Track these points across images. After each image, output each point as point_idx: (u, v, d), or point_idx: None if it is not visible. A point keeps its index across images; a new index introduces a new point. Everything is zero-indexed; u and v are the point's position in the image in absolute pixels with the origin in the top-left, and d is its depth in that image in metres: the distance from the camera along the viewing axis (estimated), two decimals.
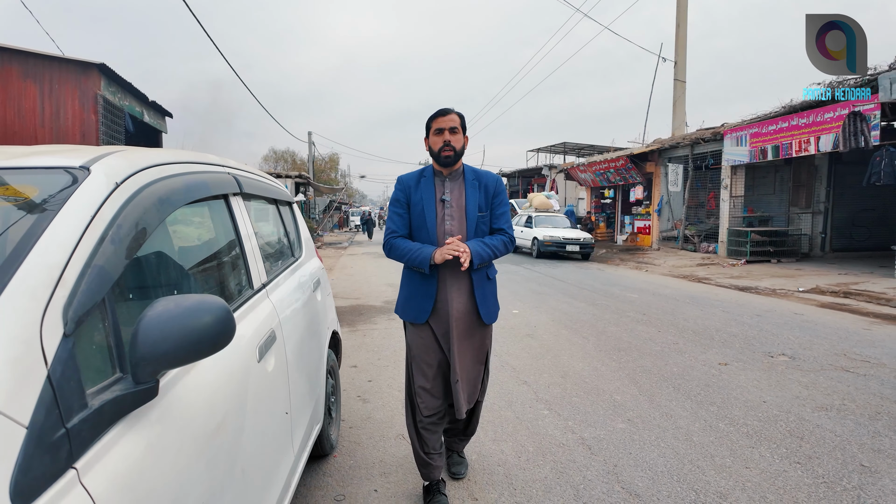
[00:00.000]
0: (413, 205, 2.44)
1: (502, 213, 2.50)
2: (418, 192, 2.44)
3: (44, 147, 1.49)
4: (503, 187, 2.53)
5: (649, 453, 2.94)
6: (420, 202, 2.41)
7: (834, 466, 2.78)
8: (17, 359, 0.81)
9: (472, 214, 2.43)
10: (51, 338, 0.88)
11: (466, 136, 2.47)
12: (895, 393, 3.89)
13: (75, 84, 5.22)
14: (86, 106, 5.17)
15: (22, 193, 1.15)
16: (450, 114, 2.40)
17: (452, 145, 2.37)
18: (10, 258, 0.94)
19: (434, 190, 2.43)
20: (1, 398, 0.77)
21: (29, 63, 5.14)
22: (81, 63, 5.21)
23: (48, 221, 1.03)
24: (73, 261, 0.99)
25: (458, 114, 2.43)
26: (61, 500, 0.81)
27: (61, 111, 5.14)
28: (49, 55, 5.16)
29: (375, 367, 4.63)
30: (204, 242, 1.87)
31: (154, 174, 1.38)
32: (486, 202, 2.47)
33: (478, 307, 2.42)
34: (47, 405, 0.83)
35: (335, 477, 2.72)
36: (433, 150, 2.42)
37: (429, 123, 2.44)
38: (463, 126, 2.43)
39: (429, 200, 2.41)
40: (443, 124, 2.38)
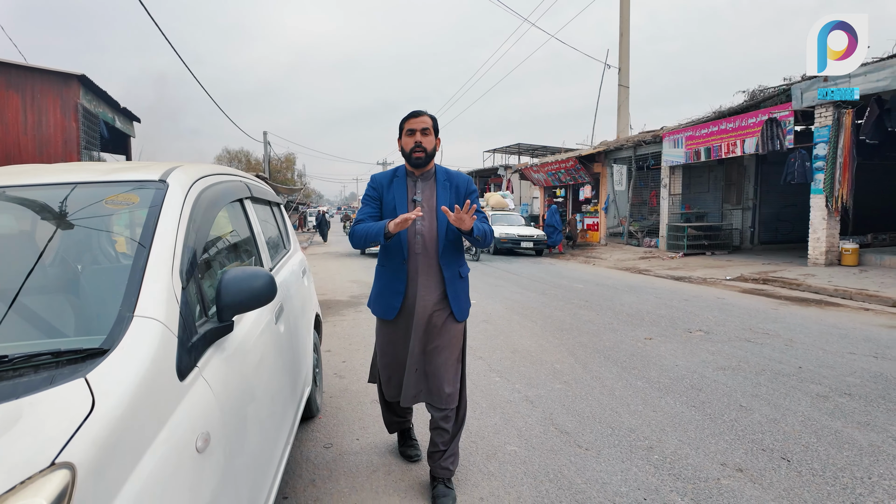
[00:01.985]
0: (385, 203, 2.50)
1: (477, 211, 2.50)
2: (391, 192, 2.50)
3: (120, 164, 2.00)
4: (475, 187, 2.59)
5: (579, 404, 3.62)
6: (392, 201, 2.48)
7: (720, 407, 3.53)
8: (167, 299, 1.36)
9: (443, 215, 2.42)
10: (177, 288, 1.42)
11: (439, 138, 2.52)
12: (781, 356, 4.74)
13: (57, 94, 5.50)
14: (67, 114, 5.46)
15: (130, 199, 1.67)
16: (422, 115, 2.45)
17: (424, 146, 2.42)
18: (142, 241, 1.48)
19: (406, 190, 2.49)
20: (164, 319, 1.31)
21: (11, 74, 5.39)
22: (63, 74, 5.48)
23: (157, 217, 1.56)
24: (177, 242, 1.53)
25: (430, 116, 2.48)
26: (195, 382, 1.36)
27: (43, 120, 5.41)
28: (31, 66, 5.40)
29: (347, 350, 5.16)
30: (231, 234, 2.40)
31: (204, 183, 1.92)
32: (458, 202, 2.48)
33: (450, 304, 2.47)
34: (183, 327, 1.38)
35: (322, 432, 3.27)
36: (405, 151, 2.47)
37: (401, 125, 2.49)
38: (435, 128, 2.49)
39: (401, 200, 2.47)
40: (415, 125, 2.43)
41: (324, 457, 2.93)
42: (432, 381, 2.46)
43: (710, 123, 13.81)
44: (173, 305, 1.36)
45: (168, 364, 1.26)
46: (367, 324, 6.30)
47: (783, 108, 11.65)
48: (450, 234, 2.48)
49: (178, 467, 1.15)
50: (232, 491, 1.40)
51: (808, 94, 10.88)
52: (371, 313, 2.64)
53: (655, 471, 2.71)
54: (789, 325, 6.09)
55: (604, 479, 2.63)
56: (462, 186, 2.55)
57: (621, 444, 3.01)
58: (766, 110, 12.06)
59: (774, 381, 4.05)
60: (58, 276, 1.53)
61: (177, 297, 1.40)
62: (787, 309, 7.15)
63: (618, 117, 19.63)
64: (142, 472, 1.04)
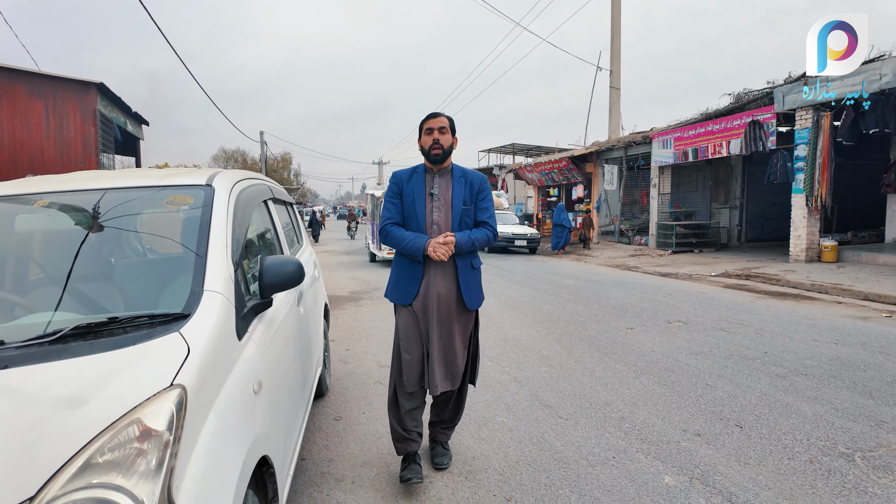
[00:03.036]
0: (405, 196, 2.68)
1: (486, 208, 2.72)
2: (410, 186, 2.68)
3: (170, 171, 2.38)
4: (488, 185, 2.76)
5: (562, 384, 4.02)
6: (411, 194, 2.66)
7: (687, 386, 3.94)
8: (226, 279, 1.74)
9: (458, 207, 2.65)
10: (230, 270, 1.81)
11: (455, 137, 2.71)
12: (750, 343, 5.15)
13: (77, 101, 5.84)
14: (87, 120, 5.81)
15: (186, 199, 2.05)
16: (439, 116, 2.65)
17: (441, 144, 2.61)
18: (201, 234, 1.86)
19: (424, 184, 2.68)
20: (224, 293, 1.69)
21: (34, 82, 5.73)
22: (82, 82, 5.83)
23: (210, 214, 1.94)
24: (227, 234, 1.92)
25: (447, 117, 2.68)
26: (247, 342, 1.74)
27: (65, 125, 5.76)
28: (52, 75, 5.75)
29: (350, 340, 5.55)
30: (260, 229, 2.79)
31: (241, 186, 2.31)
32: (470, 197, 2.69)
33: (461, 292, 2.63)
34: (237, 299, 1.76)
35: (332, 407, 3.65)
36: (424, 149, 2.66)
37: (421, 125, 2.68)
38: (452, 128, 2.68)
39: (419, 193, 2.66)
40: (433, 125, 2.63)
41: (335, 427, 3.32)
42: (445, 363, 2.65)
43: (697, 125, 14.25)
44: (229, 283, 1.75)
45: (230, 326, 1.64)
46: (368, 317, 6.68)
47: (766, 110, 12.09)
48: (462, 225, 2.66)
49: (242, 402, 1.54)
50: (272, 428, 1.78)
51: (789, 97, 11.32)
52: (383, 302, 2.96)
53: (625, 436, 3.12)
54: (763, 316, 6.51)
55: (580, 443, 3.03)
56: (476, 183, 2.72)
57: (597, 416, 3.42)
58: (750, 112, 12.51)
59: (740, 364, 4.46)
60: (137, 261, 1.92)
61: (231, 277, 1.78)
62: (763, 302, 7.57)
63: (609, 118, 20.07)
64: (222, 400, 1.42)
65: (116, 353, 1.34)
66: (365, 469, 2.79)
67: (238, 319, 1.71)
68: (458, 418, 2.91)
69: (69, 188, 2.07)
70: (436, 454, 2.82)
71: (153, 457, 1.11)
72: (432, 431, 2.89)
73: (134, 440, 1.11)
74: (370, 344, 5.34)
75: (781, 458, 2.81)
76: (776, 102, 11.60)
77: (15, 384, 1.23)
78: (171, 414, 1.18)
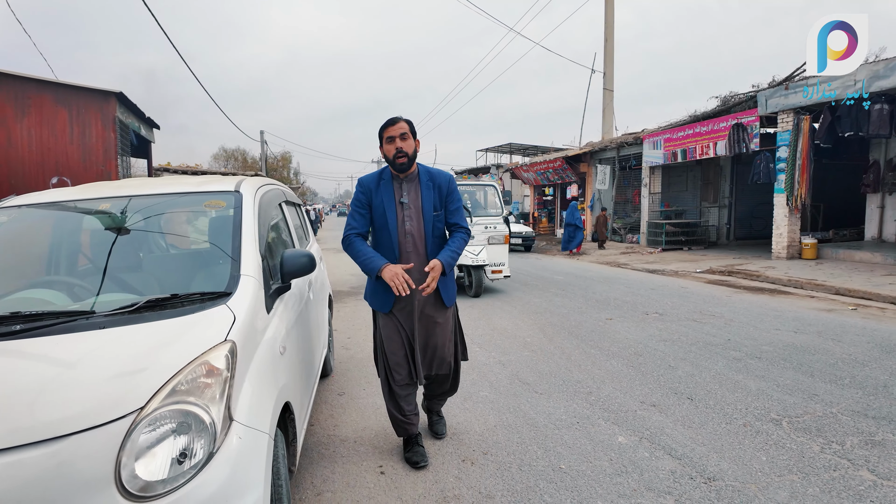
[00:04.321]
0: (375, 207, 2.69)
1: (456, 209, 2.76)
2: (379, 195, 2.68)
3: (203, 178, 2.85)
4: (455, 185, 2.77)
5: (541, 366, 4.50)
6: (381, 205, 2.66)
7: (651, 367, 4.42)
8: (256, 266, 2.21)
9: (429, 215, 2.68)
10: (259, 259, 2.28)
11: (417, 139, 2.69)
12: (717, 332, 5.64)
13: (98, 109, 6.29)
14: (107, 126, 6.25)
15: (220, 203, 2.52)
16: (398, 122, 2.63)
17: (405, 151, 2.60)
18: (235, 237, 2.32)
19: (393, 193, 2.68)
20: (256, 277, 2.16)
21: (59, 92, 6.17)
22: (104, 92, 6.27)
23: (240, 215, 2.41)
24: (255, 231, 2.39)
25: (406, 121, 2.65)
26: (273, 316, 2.22)
27: (87, 131, 6.21)
28: (76, 85, 6.19)
29: (351, 329, 6.03)
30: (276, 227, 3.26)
31: (262, 191, 2.78)
32: (440, 201, 2.71)
33: (440, 292, 2.73)
34: (264, 283, 2.23)
35: (336, 385, 4.13)
36: (388, 158, 2.65)
37: (380, 133, 2.66)
38: (412, 131, 2.66)
39: (389, 203, 2.66)
40: (393, 132, 2.61)
41: (338, 401, 3.80)
42: (434, 355, 2.83)
43: (685, 127, 14.73)
44: (259, 270, 2.22)
45: (261, 303, 2.11)
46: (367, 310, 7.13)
47: (750, 113, 12.57)
48: (436, 231, 2.72)
49: (272, 359, 2.02)
50: (293, 382, 2.26)
51: (772, 101, 11.79)
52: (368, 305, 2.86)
53: (590, 406, 3.60)
54: (735, 309, 6.99)
55: (550, 412, 3.52)
56: (444, 186, 2.74)
57: (568, 391, 3.90)
58: (736, 115, 12.99)
59: (703, 349, 4.95)
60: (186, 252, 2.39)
61: (259, 265, 2.25)
62: (739, 296, 8.05)
63: (602, 120, 20.54)
64: (258, 355, 1.90)
65: (182, 319, 1.81)
66: (366, 431, 3.27)
67: (266, 298, 2.18)
68: (452, 392, 3.08)
69: (124, 193, 2.54)
70: (433, 423, 3.17)
71: (217, 386, 1.59)
72: (428, 403, 3.15)
73: (203, 374, 1.59)
74: (369, 333, 5.79)
75: (720, 422, 3.30)
76: (759, 106, 12.08)
77: (114, 338, 1.70)
78: (228, 358, 1.66)
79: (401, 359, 2.75)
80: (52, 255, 2.50)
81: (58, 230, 2.57)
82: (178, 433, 1.48)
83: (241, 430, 1.58)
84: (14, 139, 5.99)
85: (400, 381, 2.77)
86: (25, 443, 1.33)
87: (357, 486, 2.66)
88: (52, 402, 1.43)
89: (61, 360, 1.62)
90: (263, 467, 1.62)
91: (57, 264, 2.48)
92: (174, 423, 1.48)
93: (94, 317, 1.84)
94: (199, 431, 1.49)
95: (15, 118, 5.95)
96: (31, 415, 1.39)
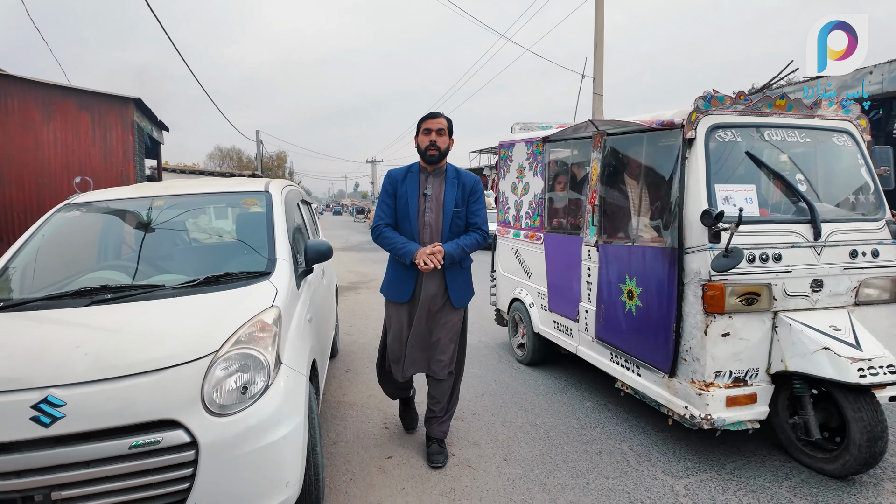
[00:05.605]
0: (398, 197, 2.75)
1: (477, 210, 2.78)
2: (404, 186, 2.74)
3: (237, 180, 3.36)
4: (481, 187, 2.78)
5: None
6: (405, 195, 2.73)
7: None
8: (288, 252, 2.72)
9: (449, 209, 2.71)
10: (289, 246, 2.80)
11: (452, 138, 2.75)
12: None
13: (118, 114, 6.76)
14: (126, 130, 6.73)
15: (254, 201, 3.03)
16: (439, 117, 2.68)
17: (438, 145, 2.66)
18: (269, 228, 2.83)
19: (418, 185, 2.74)
20: (288, 261, 2.68)
21: (83, 98, 6.63)
22: (123, 98, 6.75)
23: (272, 211, 2.93)
24: (284, 224, 2.90)
25: (446, 118, 2.70)
26: (301, 293, 2.73)
27: (108, 134, 6.68)
28: (98, 92, 6.66)
29: (352, 319, 6.55)
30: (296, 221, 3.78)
31: (286, 191, 3.30)
32: (462, 199, 2.74)
33: (448, 291, 2.77)
34: (294, 265, 2.75)
35: (342, 363, 4.65)
36: (420, 148, 2.71)
37: (419, 124, 2.72)
38: (450, 129, 2.71)
39: (412, 194, 2.72)
40: (431, 125, 2.67)
41: (346, 376, 4.33)
42: (430, 356, 2.82)
43: None
44: (290, 255, 2.74)
45: (293, 281, 2.63)
46: (366, 303, 7.68)
47: None
48: (453, 227, 2.74)
49: (304, 324, 2.54)
50: (318, 344, 2.78)
51: None
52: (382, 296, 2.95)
53: (565, 379, 4.14)
54: None
55: (531, 383, 4.06)
56: (469, 185, 2.77)
57: (548, 368, 4.43)
58: None
59: None
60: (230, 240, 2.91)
61: (290, 251, 2.77)
62: None
63: None
64: (294, 320, 2.42)
65: (236, 290, 2.33)
66: (370, 399, 3.80)
67: (296, 277, 2.70)
68: (451, 409, 2.99)
69: (174, 192, 3.06)
70: (432, 452, 2.86)
71: (269, 338, 2.10)
72: (428, 428, 2.95)
73: (259, 329, 2.10)
74: (369, 322, 6.34)
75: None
76: None
77: (187, 304, 2.21)
78: (276, 317, 2.18)
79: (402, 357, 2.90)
80: (115, 242, 3.01)
81: (118, 222, 3.07)
82: (242, 371, 1.99)
83: (287, 371, 2.11)
84: (41, 141, 6.47)
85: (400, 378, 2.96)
86: (139, 371, 1.85)
87: (364, 437, 3.18)
88: (153, 346, 1.95)
89: (151, 317, 2.13)
90: (303, 399, 2.15)
91: (118, 251, 2.99)
92: (240, 363, 1.99)
93: (164, 290, 2.36)
94: (257, 370, 2.01)
95: (42, 122, 6.42)
96: (141, 353, 1.91)
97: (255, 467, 1.91)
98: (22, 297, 2.37)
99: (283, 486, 1.97)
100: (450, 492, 2.58)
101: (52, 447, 1.74)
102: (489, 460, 2.89)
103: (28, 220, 6.62)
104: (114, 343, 1.96)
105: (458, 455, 2.95)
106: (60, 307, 2.25)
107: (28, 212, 6.59)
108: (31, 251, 2.71)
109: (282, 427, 1.98)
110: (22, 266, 2.63)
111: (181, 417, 1.84)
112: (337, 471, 2.80)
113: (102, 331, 2.05)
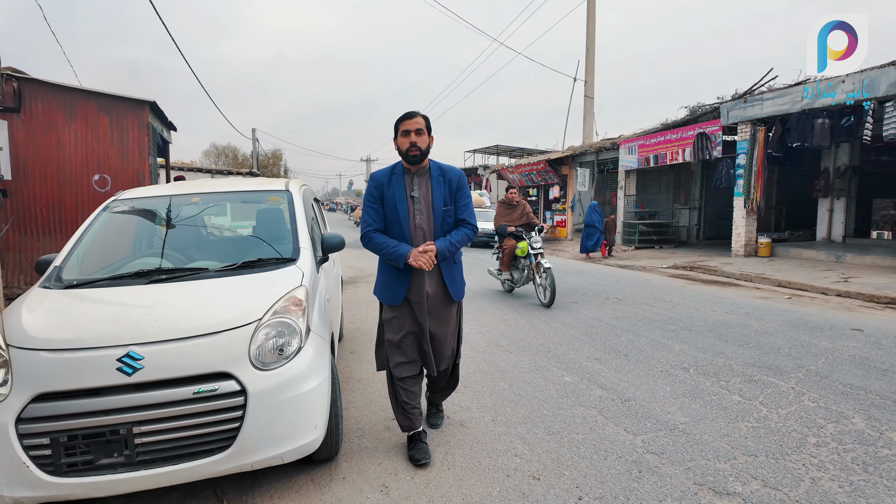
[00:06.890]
0: (386, 201, 2.75)
1: (465, 205, 2.80)
2: (391, 189, 2.73)
3: (260, 180, 3.83)
4: (465, 182, 2.78)
5: (512, 334, 5.55)
6: (393, 199, 2.72)
7: (602, 335, 5.48)
8: (309, 241, 3.21)
9: (439, 209, 2.73)
10: (309, 237, 3.27)
11: (432, 136, 2.73)
12: (664, 312, 6.72)
13: (134, 116, 7.18)
14: (142, 131, 7.15)
15: (277, 199, 3.51)
16: (415, 117, 2.67)
17: (418, 146, 2.64)
18: (292, 222, 3.31)
19: (404, 187, 2.73)
20: (309, 249, 3.16)
21: (101, 100, 7.05)
22: (139, 101, 7.18)
23: (293, 207, 3.41)
24: (304, 218, 3.38)
25: (423, 116, 2.68)
26: (321, 277, 3.21)
27: (125, 135, 7.10)
28: (116, 95, 7.08)
29: (354, 309, 7.03)
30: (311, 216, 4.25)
31: (303, 190, 3.78)
32: (450, 196, 2.76)
33: (447, 287, 2.81)
34: (315, 254, 3.23)
35: (347, 346, 5.13)
36: (401, 150, 2.69)
37: (396, 126, 2.70)
38: (428, 127, 2.70)
39: (400, 197, 2.71)
40: (409, 126, 2.65)
41: (351, 357, 4.81)
42: (436, 349, 2.89)
43: (657, 134, 15.89)
44: (310, 244, 3.21)
45: (314, 267, 3.11)
46: (365, 295, 8.16)
47: (715, 123, 13.75)
48: (445, 225, 2.78)
49: (324, 303, 3.02)
50: (335, 320, 3.26)
51: (732, 113, 12.97)
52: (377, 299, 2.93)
53: (548, 360, 4.64)
54: (685, 296, 8.10)
55: (516, 362, 4.56)
56: (454, 181, 2.79)
57: (532, 351, 4.94)
58: (702, 124, 14.17)
59: (647, 324, 6.02)
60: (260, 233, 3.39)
61: (310, 241, 3.25)
62: (693, 287, 9.17)
63: (584, 125, 21.71)
64: (317, 298, 2.89)
65: (270, 273, 2.80)
66: (375, 375, 4.28)
67: (316, 263, 3.18)
68: (452, 387, 3.21)
69: (207, 191, 3.53)
70: (430, 414, 3.30)
71: (300, 310, 2.58)
72: (430, 395, 3.30)
73: (292, 304, 2.58)
74: (369, 311, 6.82)
75: (644, 370, 4.36)
76: (722, 117, 13.26)
77: (231, 283, 2.68)
78: (306, 294, 2.66)
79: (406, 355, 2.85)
80: (156, 233, 3.47)
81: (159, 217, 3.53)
82: (279, 336, 2.47)
83: (315, 337, 2.59)
84: (63, 141, 6.88)
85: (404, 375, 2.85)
86: (200, 334, 2.32)
87: (372, 404, 3.67)
88: (209, 314, 2.42)
89: (202, 292, 2.61)
90: (328, 360, 2.63)
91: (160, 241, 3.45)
92: (277, 329, 2.47)
93: (209, 272, 2.83)
94: (292, 335, 2.49)
95: (64, 123, 6.84)
96: (200, 319, 2.38)
97: (290, 411, 2.39)
98: (91, 277, 2.83)
99: (313, 427, 2.46)
100: (445, 444, 3.07)
101: (133, 392, 2.22)
102: (479, 421, 3.38)
103: (50, 215, 7.05)
104: (177, 311, 2.44)
105: (452, 417, 3.44)
106: (124, 285, 2.72)
107: (50, 207, 7.00)
108: (88, 242, 3.17)
109: (312, 380, 2.47)
110: (81, 254, 3.10)
111: (233, 370, 2.32)
112: (350, 428, 3.28)
113: (165, 303, 2.52)
